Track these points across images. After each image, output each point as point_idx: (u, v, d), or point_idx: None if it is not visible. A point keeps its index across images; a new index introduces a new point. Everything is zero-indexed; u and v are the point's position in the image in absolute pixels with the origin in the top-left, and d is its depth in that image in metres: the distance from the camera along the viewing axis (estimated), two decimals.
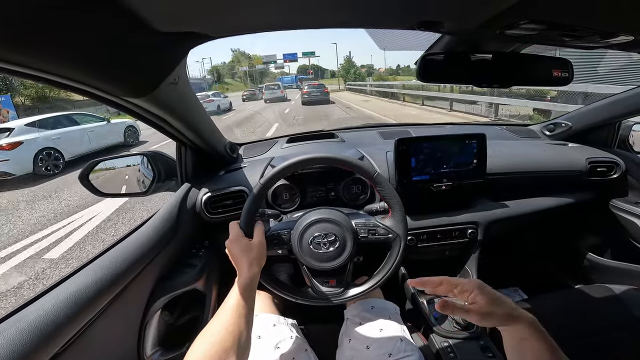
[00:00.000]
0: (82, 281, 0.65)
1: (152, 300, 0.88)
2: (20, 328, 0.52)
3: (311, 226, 0.80)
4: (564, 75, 0.73)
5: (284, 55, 60.94)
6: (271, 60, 64.24)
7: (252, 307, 0.67)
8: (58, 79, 0.51)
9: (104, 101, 0.64)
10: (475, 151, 1.11)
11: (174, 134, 0.96)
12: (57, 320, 0.56)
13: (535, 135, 1.56)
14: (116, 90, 0.61)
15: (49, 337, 0.54)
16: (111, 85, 0.59)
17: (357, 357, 0.84)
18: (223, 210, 1.09)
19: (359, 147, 1.30)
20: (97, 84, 0.57)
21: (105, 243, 3.44)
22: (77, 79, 0.54)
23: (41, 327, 0.53)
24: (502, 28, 0.57)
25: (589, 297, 1.15)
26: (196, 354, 0.56)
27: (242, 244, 0.72)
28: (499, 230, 1.23)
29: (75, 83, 0.54)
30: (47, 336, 0.53)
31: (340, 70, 55.03)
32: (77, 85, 0.55)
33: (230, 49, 69.00)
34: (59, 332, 0.56)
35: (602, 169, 1.27)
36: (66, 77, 0.52)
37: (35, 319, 0.54)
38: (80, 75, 0.53)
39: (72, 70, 0.51)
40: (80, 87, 0.56)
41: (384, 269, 0.82)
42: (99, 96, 0.62)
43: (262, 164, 1.21)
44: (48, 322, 0.55)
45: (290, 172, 0.82)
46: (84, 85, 0.56)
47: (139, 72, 0.60)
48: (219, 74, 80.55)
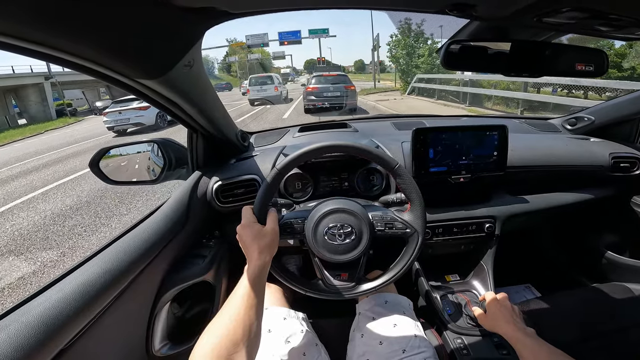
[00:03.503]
0: (89, 273, 0.62)
1: (161, 293, 0.86)
2: (25, 322, 0.49)
3: (327, 216, 0.78)
4: (599, 66, 0.70)
5: (279, 34, 32.82)
6: (259, 42, 33.81)
7: (262, 297, 0.65)
8: (70, 58, 0.49)
9: (116, 83, 0.62)
10: (496, 143, 1.07)
11: (186, 120, 0.93)
12: (64, 314, 0.54)
13: (555, 129, 1.52)
14: (129, 71, 0.58)
15: (55, 332, 0.52)
16: (124, 66, 0.56)
17: (369, 352, 0.83)
18: (234, 199, 1.07)
19: (373, 137, 1.27)
20: (110, 64, 0.55)
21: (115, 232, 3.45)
22: (90, 58, 0.51)
23: (47, 321, 0.51)
24: (540, 15, 0.53)
25: (606, 296, 1.13)
26: (204, 348, 0.53)
27: (255, 230, 0.69)
28: (516, 225, 1.21)
29: (87, 62, 0.52)
30: (53, 331, 0.51)
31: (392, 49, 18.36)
32: (89, 65, 0.53)
33: (226, 39, 51.89)
34: (65, 327, 0.54)
35: (625, 164, 1.24)
36: (78, 56, 0.49)
37: (40, 313, 0.52)
38: (93, 54, 0.50)
39: (85, 49, 0.48)
40: (92, 67, 0.53)
41: (399, 265, 0.80)
42: (111, 77, 0.59)
43: (274, 152, 1.18)
44: (54, 316, 0.52)
45: (308, 158, 0.79)
46: (97, 66, 0.54)
47: (154, 52, 0.58)
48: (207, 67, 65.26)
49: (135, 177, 1.21)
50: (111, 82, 0.61)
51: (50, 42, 0.44)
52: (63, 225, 3.90)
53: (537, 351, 0.67)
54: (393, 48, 18.50)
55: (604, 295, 1.13)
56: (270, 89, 14.48)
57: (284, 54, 50.74)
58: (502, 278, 1.16)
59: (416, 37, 17.73)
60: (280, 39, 33.00)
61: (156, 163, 1.16)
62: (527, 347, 0.69)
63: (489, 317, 0.84)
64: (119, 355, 0.73)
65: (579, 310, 1.07)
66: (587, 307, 1.08)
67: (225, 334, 0.54)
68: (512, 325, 0.76)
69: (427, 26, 16.16)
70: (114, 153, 1.13)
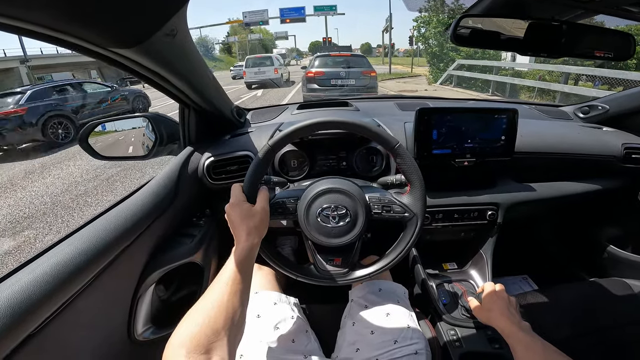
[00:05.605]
0: (63, 253, 0.59)
1: (146, 274, 0.82)
2: None
3: (320, 196, 0.73)
4: (626, 49, 0.67)
5: (281, 11, 29.87)
6: (257, 19, 31.11)
7: (248, 282, 0.61)
8: (35, 28, 0.44)
9: (88, 52, 0.56)
10: (504, 127, 1.02)
11: (175, 93, 0.88)
12: (33, 297, 0.51)
13: (567, 117, 1.47)
14: (101, 39, 0.53)
15: (22, 316, 0.49)
16: (95, 34, 0.51)
17: (360, 341, 0.80)
18: (227, 176, 1.03)
19: (375, 116, 1.21)
20: (79, 32, 0.49)
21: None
22: (57, 28, 0.46)
23: (13, 305, 0.48)
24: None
25: (604, 291, 1.11)
26: (182, 336, 0.49)
27: (243, 210, 0.65)
28: (520, 214, 1.17)
29: (54, 32, 0.47)
30: (19, 314, 0.48)
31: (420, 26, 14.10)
32: (57, 35, 0.48)
33: (228, 18, 45.88)
34: (35, 309, 0.51)
35: (637, 155, 1.19)
36: (44, 26, 0.44)
37: (7, 296, 0.49)
38: (60, 22, 0.45)
39: (51, 16, 0.43)
40: (60, 36, 0.48)
41: (396, 251, 0.76)
42: (81, 47, 0.54)
43: (270, 129, 1.14)
44: (22, 300, 0.49)
45: (302, 135, 0.74)
46: (65, 35, 0.49)
47: (128, 18, 0.52)
48: (206, 48, 56.90)
49: (126, 152, 1.17)
50: (88, 54, 0.56)
51: (11, 11, 0.39)
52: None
53: (531, 346, 0.65)
54: (421, 25, 14.75)
55: (602, 291, 1.11)
56: (270, 71, 13.08)
57: (286, 34, 47.53)
58: (499, 268, 1.14)
59: (452, 13, 11.54)
60: (281, 16, 29.97)
61: (150, 139, 1.12)
62: (520, 341, 0.67)
63: (484, 308, 0.82)
64: (96, 340, 0.69)
65: (577, 304, 1.05)
66: (584, 302, 1.07)
67: (206, 322, 0.51)
68: (506, 318, 0.74)
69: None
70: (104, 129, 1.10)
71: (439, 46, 13.94)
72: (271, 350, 0.75)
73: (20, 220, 3.55)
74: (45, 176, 5.07)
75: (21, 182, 4.90)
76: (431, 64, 14.79)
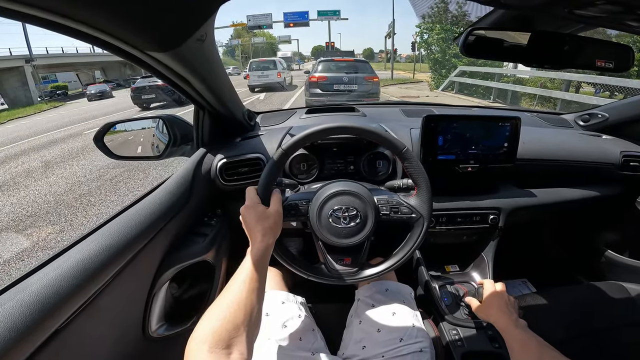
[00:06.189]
0: (88, 249, 0.60)
1: (161, 272, 0.83)
2: (21, 300, 0.47)
3: (332, 198, 0.76)
4: (625, 61, 0.69)
5: (285, 15, 30.15)
6: (261, 23, 31.00)
7: (264, 280, 0.64)
8: (79, 27, 0.46)
9: (124, 55, 0.59)
10: (507, 134, 1.05)
11: (194, 96, 0.91)
12: (61, 292, 0.51)
13: (567, 125, 1.50)
14: (140, 42, 0.55)
15: (51, 311, 0.49)
16: (135, 36, 0.53)
17: (366, 339, 0.83)
18: (238, 178, 1.06)
19: (382, 122, 1.24)
20: (122, 34, 0.52)
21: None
22: (102, 29, 0.48)
23: (43, 300, 0.49)
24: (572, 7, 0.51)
25: (602, 294, 1.12)
26: (204, 330, 0.52)
27: (258, 211, 0.68)
28: (521, 218, 1.20)
29: (98, 33, 0.49)
30: (49, 310, 0.49)
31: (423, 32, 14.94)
32: (99, 35, 0.50)
33: (232, 21, 43.28)
34: (62, 305, 0.51)
35: (635, 163, 1.22)
36: (90, 26, 0.47)
37: (37, 291, 0.49)
38: (105, 24, 0.47)
39: (98, 17, 0.45)
40: (102, 37, 0.51)
41: (402, 251, 0.79)
42: (119, 49, 0.56)
43: (280, 132, 1.16)
44: (51, 294, 0.50)
45: (315, 139, 0.77)
46: (107, 36, 0.51)
47: (167, 24, 0.54)
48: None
49: (140, 152, 1.20)
50: (121, 54, 0.59)
51: (61, 9, 0.41)
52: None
53: (526, 343, 0.67)
54: (424, 32, 15.31)
55: (599, 294, 1.12)
56: (273, 75, 13.41)
57: (289, 38, 47.06)
58: (499, 271, 1.16)
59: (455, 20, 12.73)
60: (285, 20, 30.15)
61: (160, 139, 1.14)
62: (516, 338, 0.69)
63: (483, 305, 0.85)
64: (114, 336, 0.71)
65: (574, 307, 1.07)
66: (582, 305, 1.08)
67: (227, 317, 0.54)
68: (504, 315, 0.76)
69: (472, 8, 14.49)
70: (119, 128, 1.12)
71: (441, 52, 14.27)
72: (279, 347, 0.77)
73: (23, 219, 3.58)
74: (49, 175, 5.10)
75: (24, 180, 4.94)
76: (433, 70, 14.95)
